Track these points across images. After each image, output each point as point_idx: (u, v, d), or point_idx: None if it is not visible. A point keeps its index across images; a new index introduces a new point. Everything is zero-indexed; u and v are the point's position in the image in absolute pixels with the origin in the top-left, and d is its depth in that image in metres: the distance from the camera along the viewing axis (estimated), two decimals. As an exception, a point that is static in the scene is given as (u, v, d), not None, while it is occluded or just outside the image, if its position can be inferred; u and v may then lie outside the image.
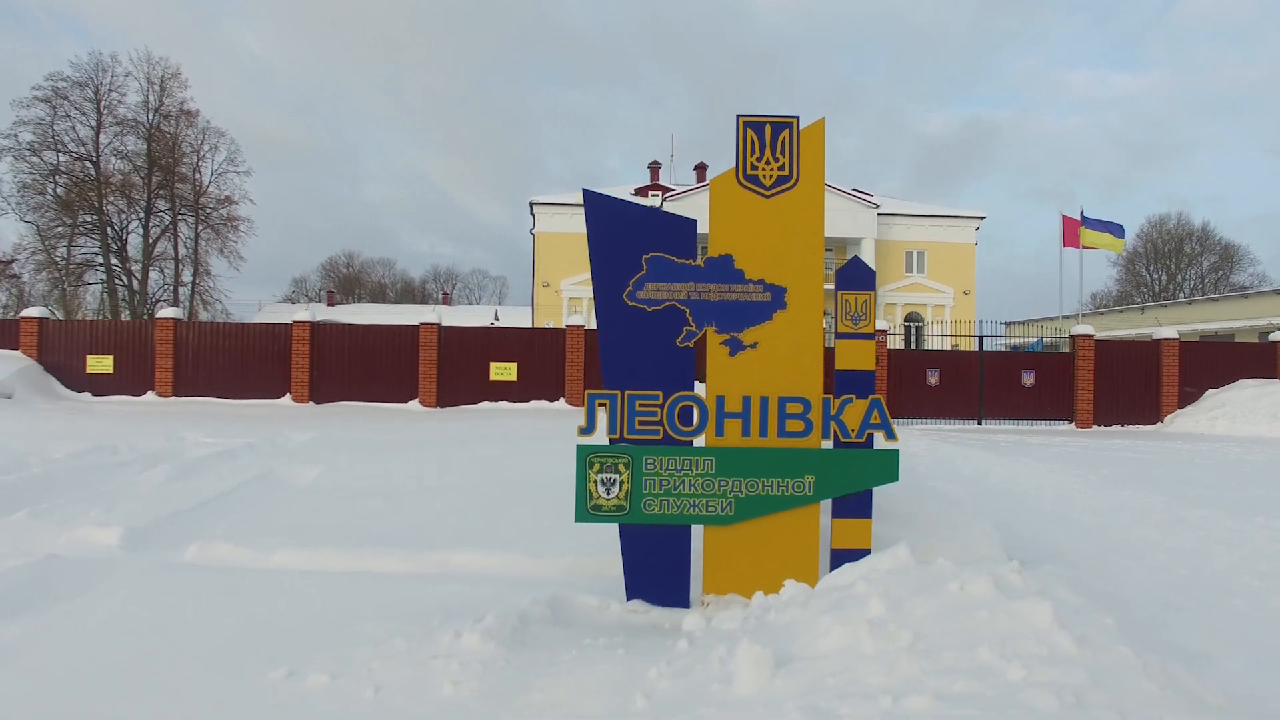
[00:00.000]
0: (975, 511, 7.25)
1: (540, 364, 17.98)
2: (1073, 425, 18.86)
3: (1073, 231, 24.08)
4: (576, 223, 38.40)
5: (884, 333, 18.49)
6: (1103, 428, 18.80)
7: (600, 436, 4.25)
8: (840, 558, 4.28)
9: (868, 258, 38.07)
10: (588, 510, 4.22)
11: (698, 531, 4.35)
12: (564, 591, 4.29)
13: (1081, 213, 23.85)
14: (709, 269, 4.26)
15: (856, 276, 4.34)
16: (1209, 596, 5.21)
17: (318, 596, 4.43)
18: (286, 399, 17.90)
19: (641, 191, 40.35)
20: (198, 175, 65.08)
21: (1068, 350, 19.35)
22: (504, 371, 17.87)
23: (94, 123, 56.79)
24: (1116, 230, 23.95)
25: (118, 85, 57.12)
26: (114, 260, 60.77)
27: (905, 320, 40.18)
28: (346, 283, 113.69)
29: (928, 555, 4.41)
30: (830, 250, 40.21)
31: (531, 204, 38.19)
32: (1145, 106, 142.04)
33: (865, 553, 4.28)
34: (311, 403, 17.90)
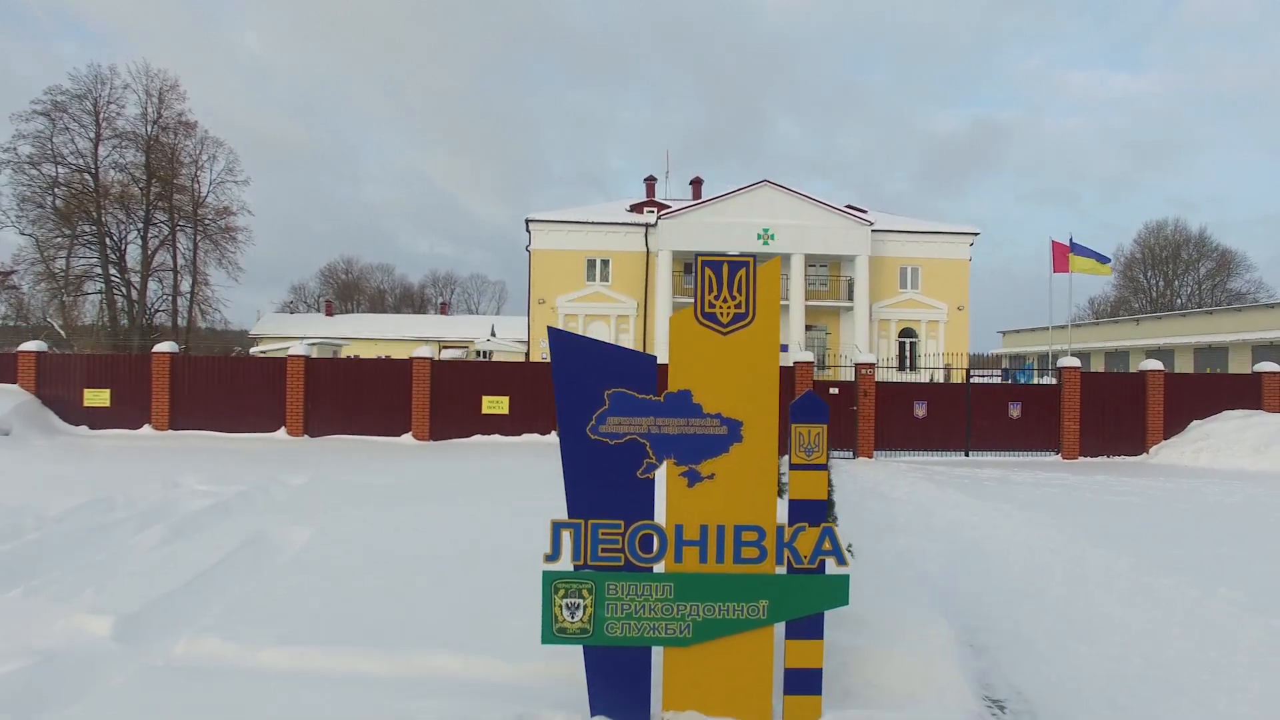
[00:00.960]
0: (937, 595, 7.45)
1: (532, 397, 18.21)
2: (1059, 457, 19.09)
3: (1062, 257, 24.38)
4: (573, 239, 38.65)
5: (871, 365, 18.73)
6: (1089, 459, 19.03)
7: (565, 562, 4.47)
8: (793, 677, 4.50)
9: (861, 275, 38.33)
10: (553, 633, 4.44)
11: (658, 649, 4.57)
12: (532, 708, 4.52)
13: (1070, 239, 24.14)
14: (668, 404, 4.48)
15: (810, 411, 4.56)
16: (1158, 693, 5.43)
17: (298, 709, 4.65)
18: (281, 432, 18.12)
19: (636, 208, 40.63)
20: (196, 185, 65.47)
21: (1054, 380, 19.59)
22: (496, 405, 18.10)
23: (93, 135, 57.21)
24: (1101, 259, 24.24)
25: (116, 97, 57.55)
26: (113, 271, 61.06)
27: (899, 336, 40.45)
28: (346, 289, 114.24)
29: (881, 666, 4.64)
30: (825, 267, 40.47)
31: (527, 221, 38.47)
32: (1148, 107, 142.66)
33: (817, 672, 4.51)
34: (306, 436, 18.13)
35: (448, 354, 64.11)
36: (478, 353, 66.07)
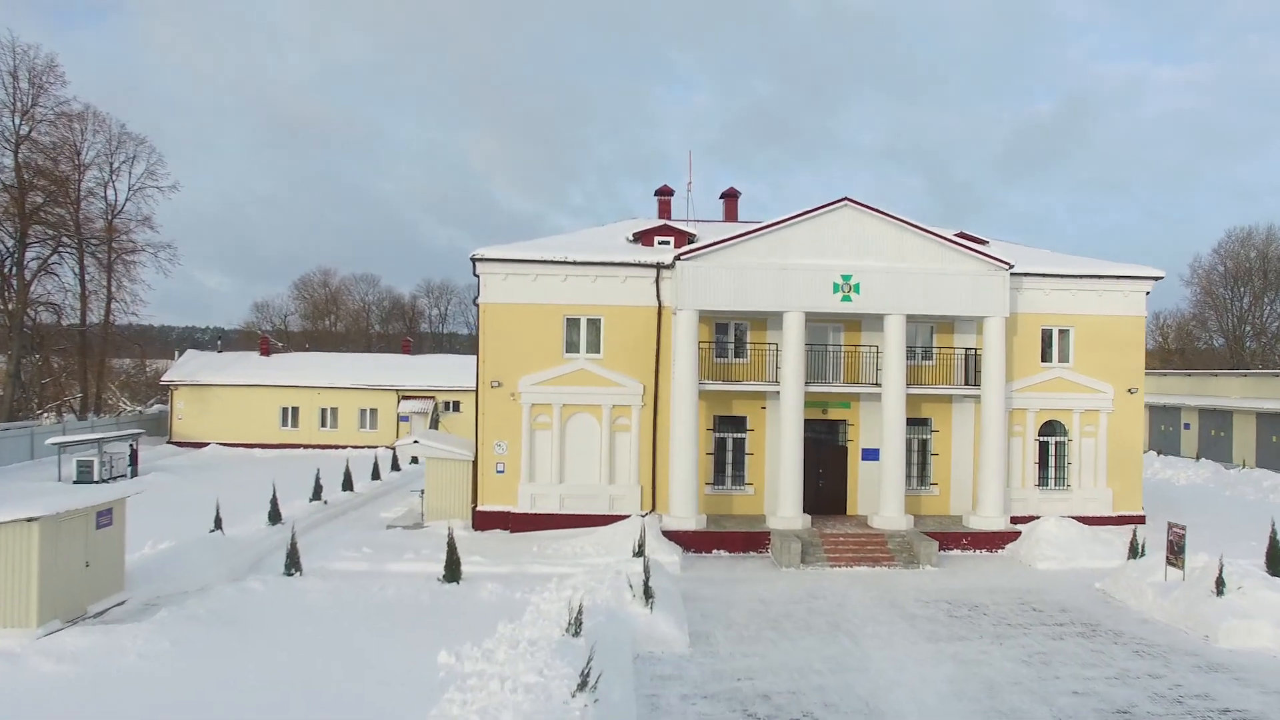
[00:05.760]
0: None
1: None
2: None
3: None
4: (546, 288, 25.16)
5: None
6: None
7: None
8: None
9: (995, 345, 24.60)
10: None
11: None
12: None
13: None
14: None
15: None
16: None
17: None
18: None
19: (644, 237, 26.95)
20: (112, 192, 52.47)
21: None
22: None
23: (-59, 129, 44.07)
24: None
25: (-30, 80, 44.25)
26: (-17, 301, 48.01)
27: (1040, 434, 26.66)
28: (323, 304, 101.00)
29: None
30: (930, 328, 26.70)
31: (474, 260, 24.91)
32: (1211, 97, 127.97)
33: None
34: None
35: (407, 406, 50.49)
36: (447, 405, 52.73)
